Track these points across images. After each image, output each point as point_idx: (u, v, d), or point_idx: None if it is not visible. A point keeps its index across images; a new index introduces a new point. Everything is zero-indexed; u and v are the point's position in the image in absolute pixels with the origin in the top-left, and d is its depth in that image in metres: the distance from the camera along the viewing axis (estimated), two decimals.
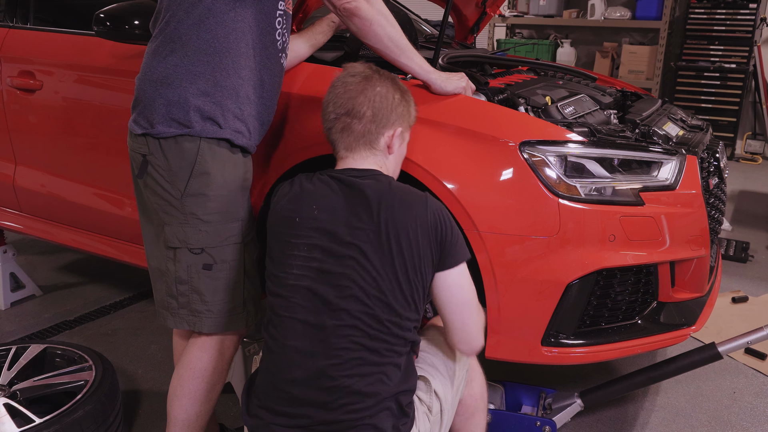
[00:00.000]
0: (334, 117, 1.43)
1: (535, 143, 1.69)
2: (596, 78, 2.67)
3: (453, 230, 1.36)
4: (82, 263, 3.46)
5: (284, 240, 1.36)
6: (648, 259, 1.75)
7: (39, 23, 2.55)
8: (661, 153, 1.78)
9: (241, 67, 1.56)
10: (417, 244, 1.31)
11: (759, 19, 5.71)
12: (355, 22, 1.61)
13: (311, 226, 1.34)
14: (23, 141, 2.58)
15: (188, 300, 1.63)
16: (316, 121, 1.87)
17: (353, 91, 1.42)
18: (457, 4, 2.81)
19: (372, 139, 1.43)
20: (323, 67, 1.93)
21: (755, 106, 6.03)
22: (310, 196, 1.37)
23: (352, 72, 1.46)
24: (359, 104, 1.41)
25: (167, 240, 1.61)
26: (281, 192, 1.44)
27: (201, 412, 1.68)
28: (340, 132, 1.43)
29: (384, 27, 1.63)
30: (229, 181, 1.59)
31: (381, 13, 1.62)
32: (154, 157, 1.56)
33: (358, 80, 1.43)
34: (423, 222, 1.32)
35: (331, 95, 1.45)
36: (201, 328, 1.65)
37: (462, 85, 1.79)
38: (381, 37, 1.64)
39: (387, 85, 1.45)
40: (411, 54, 1.70)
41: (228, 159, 1.59)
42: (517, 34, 6.80)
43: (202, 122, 1.53)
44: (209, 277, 1.61)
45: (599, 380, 2.33)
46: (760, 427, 2.11)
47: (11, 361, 2.00)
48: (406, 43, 1.68)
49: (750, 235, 3.93)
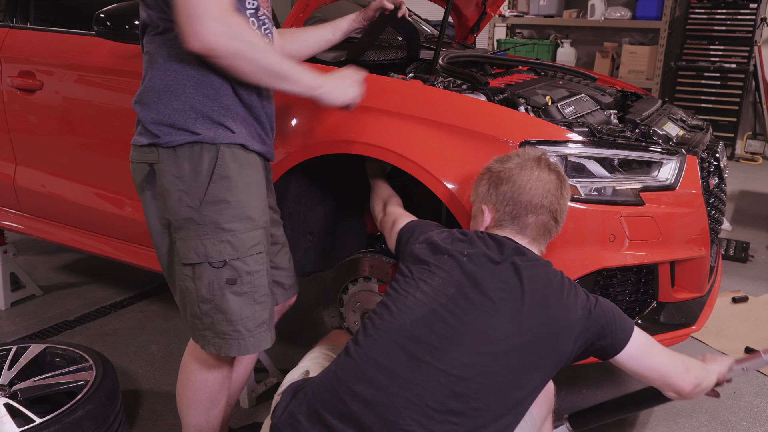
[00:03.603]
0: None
1: (535, 143, 1.69)
2: (596, 78, 2.67)
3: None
4: (82, 263, 3.45)
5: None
6: (648, 259, 1.75)
7: (39, 23, 2.55)
8: (661, 153, 1.78)
9: (231, 77, 1.47)
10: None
11: (759, 19, 5.71)
12: (216, 62, 1.39)
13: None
14: (23, 141, 2.57)
15: (212, 321, 1.52)
16: (318, 121, 1.88)
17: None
18: (457, 4, 2.81)
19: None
20: (325, 68, 1.93)
21: (755, 106, 6.03)
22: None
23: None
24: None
25: (183, 256, 1.50)
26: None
27: (210, 417, 1.67)
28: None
29: (251, 60, 1.39)
30: (250, 185, 1.51)
31: (243, 42, 1.37)
32: (166, 165, 1.46)
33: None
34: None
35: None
36: (228, 351, 1.54)
37: (351, 94, 1.60)
38: (251, 72, 1.42)
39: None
40: (293, 77, 1.48)
41: (246, 163, 1.51)
42: (517, 34, 6.80)
43: (214, 128, 1.46)
44: (234, 292, 1.51)
45: (599, 380, 2.33)
46: (760, 427, 2.11)
47: (11, 361, 2.00)
48: (284, 67, 1.46)
49: (750, 235, 3.93)
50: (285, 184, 2.04)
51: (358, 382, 1.24)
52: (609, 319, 1.36)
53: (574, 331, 1.32)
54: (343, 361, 1.30)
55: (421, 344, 1.26)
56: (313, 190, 2.13)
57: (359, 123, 1.82)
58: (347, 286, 2.04)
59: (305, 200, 2.12)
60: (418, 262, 1.41)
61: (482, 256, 1.37)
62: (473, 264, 1.35)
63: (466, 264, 1.35)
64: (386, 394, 1.22)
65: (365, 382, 1.24)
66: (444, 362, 1.24)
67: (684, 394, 1.44)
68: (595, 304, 1.36)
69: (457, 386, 1.22)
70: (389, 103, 1.83)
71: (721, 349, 2.55)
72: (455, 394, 1.22)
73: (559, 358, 1.32)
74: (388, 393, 1.22)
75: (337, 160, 1.95)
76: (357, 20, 1.94)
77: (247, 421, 2.11)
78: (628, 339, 1.37)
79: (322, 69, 1.75)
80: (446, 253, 1.39)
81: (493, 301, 1.29)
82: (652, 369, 1.41)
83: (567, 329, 1.31)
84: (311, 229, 2.18)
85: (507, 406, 1.27)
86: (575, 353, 1.35)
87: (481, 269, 1.34)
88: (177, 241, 1.50)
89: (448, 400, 1.22)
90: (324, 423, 1.24)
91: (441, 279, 1.34)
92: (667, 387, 1.43)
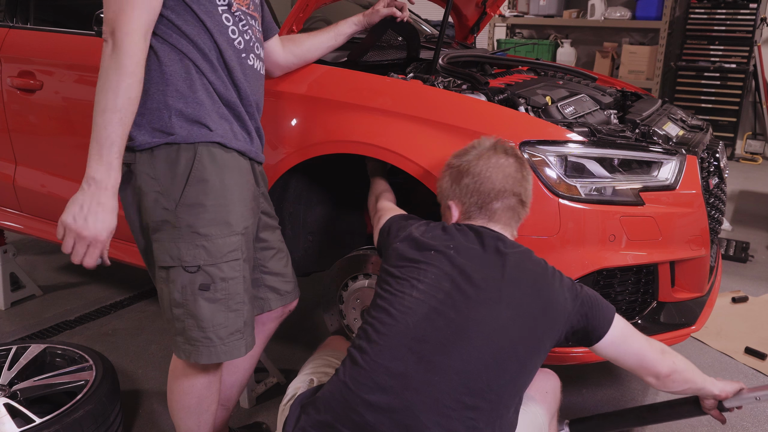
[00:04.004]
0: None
1: (535, 143, 1.69)
2: (596, 78, 2.67)
3: None
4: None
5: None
6: (648, 259, 1.75)
7: (39, 23, 2.55)
8: (661, 153, 1.78)
9: (206, 70, 1.46)
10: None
11: (759, 19, 5.71)
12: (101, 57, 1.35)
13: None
14: (23, 141, 2.57)
15: (184, 326, 1.50)
16: (318, 121, 1.88)
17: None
18: (457, 4, 2.81)
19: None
20: (335, 69, 1.93)
21: (755, 106, 6.03)
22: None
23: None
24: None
25: (158, 259, 1.48)
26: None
27: (201, 422, 1.66)
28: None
29: (99, 86, 1.33)
30: (229, 188, 1.47)
31: (108, 68, 1.33)
32: (142, 166, 1.43)
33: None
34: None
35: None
36: (198, 358, 1.51)
37: (86, 232, 1.32)
38: (99, 87, 1.33)
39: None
40: (94, 139, 1.31)
41: (225, 165, 1.48)
42: (517, 34, 6.80)
43: (189, 126, 1.42)
44: (206, 298, 1.47)
45: (599, 380, 2.33)
46: (760, 427, 2.11)
47: (11, 361, 2.00)
48: (99, 123, 1.31)
49: (750, 235, 3.93)
50: (285, 184, 2.04)
51: (371, 392, 1.23)
52: (593, 303, 1.41)
53: (565, 312, 1.36)
54: (352, 371, 1.28)
55: (428, 344, 1.26)
56: (312, 190, 2.13)
57: (359, 123, 1.82)
58: (347, 283, 2.04)
59: (305, 200, 2.12)
60: (403, 260, 1.41)
61: (466, 247, 1.39)
62: (461, 256, 1.37)
63: (454, 257, 1.36)
64: (401, 399, 1.21)
65: (378, 391, 1.23)
66: (454, 359, 1.24)
67: (661, 377, 1.46)
68: (580, 289, 1.41)
69: (470, 381, 1.23)
70: (389, 103, 1.83)
71: (721, 349, 2.55)
72: (469, 389, 1.23)
73: (554, 340, 1.36)
74: (403, 398, 1.22)
75: (337, 161, 1.95)
76: (360, 24, 1.94)
77: (247, 421, 2.12)
78: (610, 324, 1.41)
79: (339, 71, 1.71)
80: (432, 248, 1.40)
81: (487, 291, 1.31)
82: (632, 354, 1.45)
83: (559, 311, 1.35)
84: (311, 229, 2.18)
85: (516, 393, 1.30)
86: (565, 335, 1.38)
87: (469, 261, 1.36)
88: (153, 243, 1.48)
89: (463, 396, 1.22)
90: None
91: (434, 275, 1.35)
92: (645, 371, 1.46)
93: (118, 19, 1.32)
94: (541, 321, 1.32)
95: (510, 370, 1.27)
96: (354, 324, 2.06)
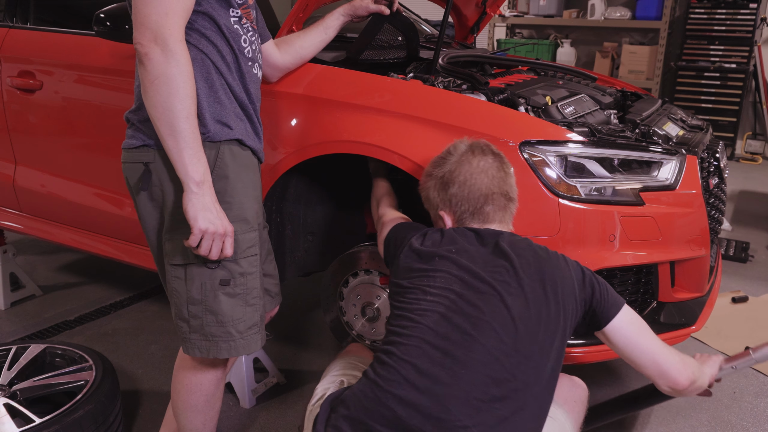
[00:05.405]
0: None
1: (535, 143, 1.69)
2: (596, 78, 2.67)
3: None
4: (82, 263, 3.45)
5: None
6: (648, 259, 1.75)
7: (39, 23, 2.55)
8: (661, 153, 1.78)
9: (224, 72, 1.49)
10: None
11: (759, 19, 5.71)
12: (141, 70, 1.34)
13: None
14: (23, 141, 2.58)
15: (201, 323, 1.51)
16: (317, 121, 1.88)
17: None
18: (457, 4, 2.81)
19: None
20: (334, 68, 1.93)
21: (755, 106, 6.03)
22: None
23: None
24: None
25: (174, 256, 1.48)
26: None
27: (207, 420, 1.67)
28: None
29: (166, 93, 1.32)
30: (247, 186, 1.53)
31: (174, 75, 1.32)
32: (162, 165, 1.45)
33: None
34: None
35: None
36: (218, 353, 1.53)
37: (206, 226, 1.38)
38: (157, 103, 1.33)
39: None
40: (184, 144, 1.35)
41: (242, 163, 1.52)
42: (517, 34, 6.80)
43: (213, 124, 1.46)
44: (226, 293, 1.50)
45: (599, 380, 2.33)
46: (760, 427, 2.11)
47: (11, 361, 2.00)
48: (185, 128, 1.34)
49: (750, 235, 3.93)
50: (285, 184, 2.04)
51: (401, 387, 1.25)
52: (600, 284, 1.42)
53: (573, 289, 1.38)
54: (381, 370, 1.30)
55: (450, 340, 1.28)
56: (313, 190, 2.13)
57: (359, 123, 1.82)
58: (348, 279, 2.04)
59: (305, 200, 2.12)
60: (411, 272, 1.43)
61: (468, 248, 1.41)
62: (464, 258, 1.39)
63: (458, 260, 1.38)
64: (432, 394, 1.23)
65: (408, 386, 1.25)
66: (477, 351, 1.26)
67: (680, 389, 1.45)
68: (585, 270, 1.43)
69: (495, 372, 1.25)
70: (389, 103, 1.83)
71: (721, 349, 2.55)
72: (495, 380, 1.25)
73: (571, 318, 1.37)
74: (434, 393, 1.23)
75: (337, 161, 1.95)
76: (346, 14, 1.94)
77: (247, 420, 2.11)
78: (618, 308, 1.41)
79: (335, 71, 1.72)
80: (436, 255, 1.42)
81: (497, 284, 1.33)
82: (645, 352, 1.42)
83: (568, 287, 1.37)
84: (311, 229, 2.18)
85: (542, 379, 1.30)
86: (578, 315, 1.39)
87: (473, 260, 1.38)
88: (169, 241, 1.49)
89: (490, 388, 1.24)
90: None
91: (442, 279, 1.37)
92: (663, 378, 1.44)
93: (164, 25, 1.33)
94: (553, 301, 1.34)
95: (533, 357, 1.29)
96: (354, 321, 2.06)
